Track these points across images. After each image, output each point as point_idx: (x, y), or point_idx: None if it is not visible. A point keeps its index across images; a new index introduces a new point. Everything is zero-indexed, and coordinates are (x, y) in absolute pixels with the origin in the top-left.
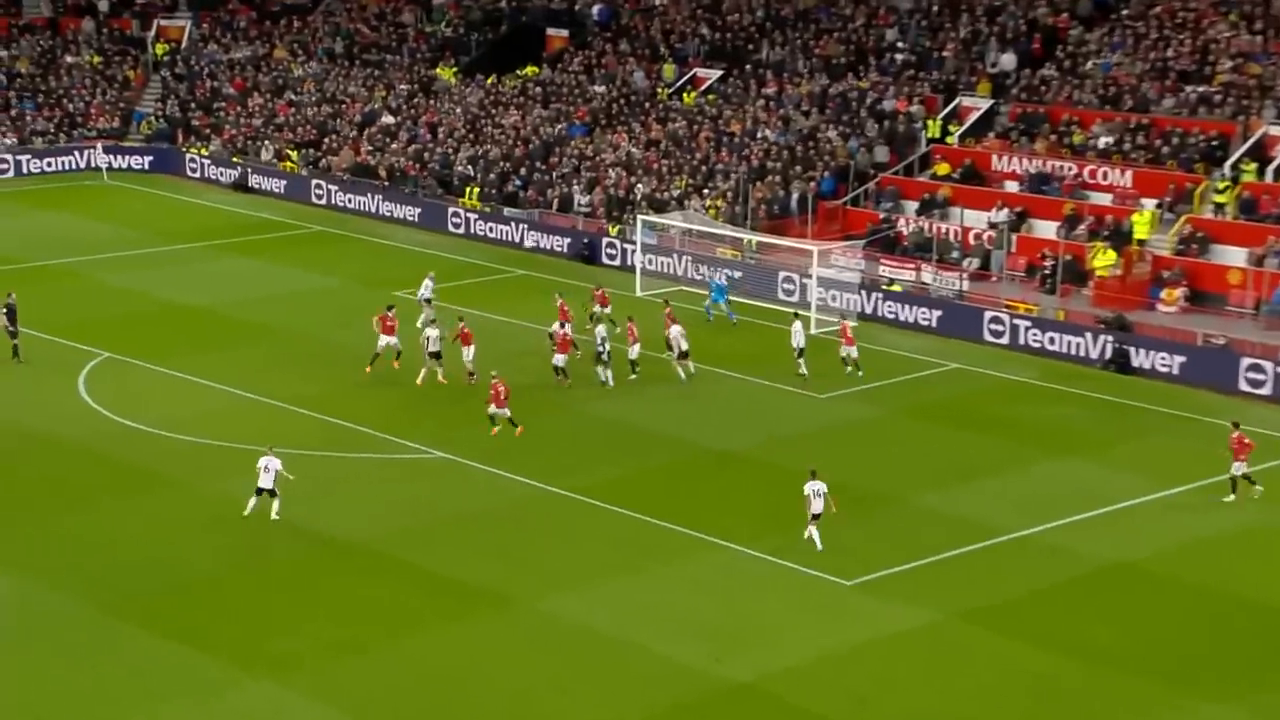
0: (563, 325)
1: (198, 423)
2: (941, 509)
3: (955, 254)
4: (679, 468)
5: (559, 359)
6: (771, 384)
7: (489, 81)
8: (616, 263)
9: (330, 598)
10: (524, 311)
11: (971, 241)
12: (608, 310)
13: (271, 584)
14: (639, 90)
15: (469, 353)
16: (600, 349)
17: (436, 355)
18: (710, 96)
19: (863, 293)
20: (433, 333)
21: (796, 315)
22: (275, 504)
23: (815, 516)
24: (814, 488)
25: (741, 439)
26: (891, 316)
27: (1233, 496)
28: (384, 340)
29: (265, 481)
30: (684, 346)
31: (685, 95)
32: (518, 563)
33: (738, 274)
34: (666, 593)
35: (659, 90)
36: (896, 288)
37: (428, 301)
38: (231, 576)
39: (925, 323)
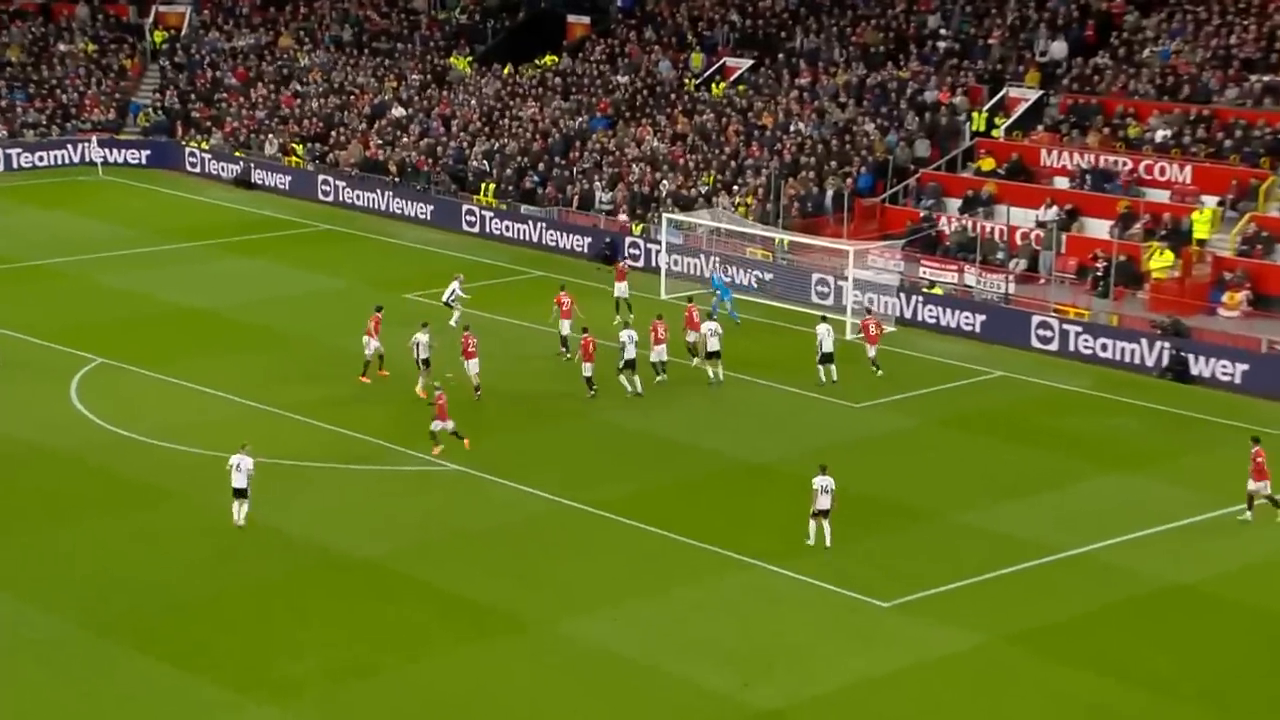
0: (584, 331)
1: (196, 432)
2: (986, 526)
3: (1001, 255)
4: (705, 481)
5: (587, 368)
6: (803, 392)
7: (506, 71)
8: (640, 264)
9: (336, 618)
10: (542, 315)
11: (1018, 242)
12: (624, 285)
13: (274, 603)
14: (665, 81)
15: (473, 366)
16: (627, 355)
17: (426, 363)
18: (740, 87)
19: (902, 296)
20: (422, 338)
21: (823, 318)
22: (244, 507)
23: (821, 513)
24: (823, 483)
25: (772, 450)
26: (932, 321)
27: (1250, 514)
28: (368, 344)
29: (238, 482)
30: (714, 346)
31: (714, 86)
32: (534, 582)
33: (768, 275)
34: (692, 614)
35: (686, 81)
36: (938, 291)
37: (452, 304)
38: (231, 595)
39: (968, 328)
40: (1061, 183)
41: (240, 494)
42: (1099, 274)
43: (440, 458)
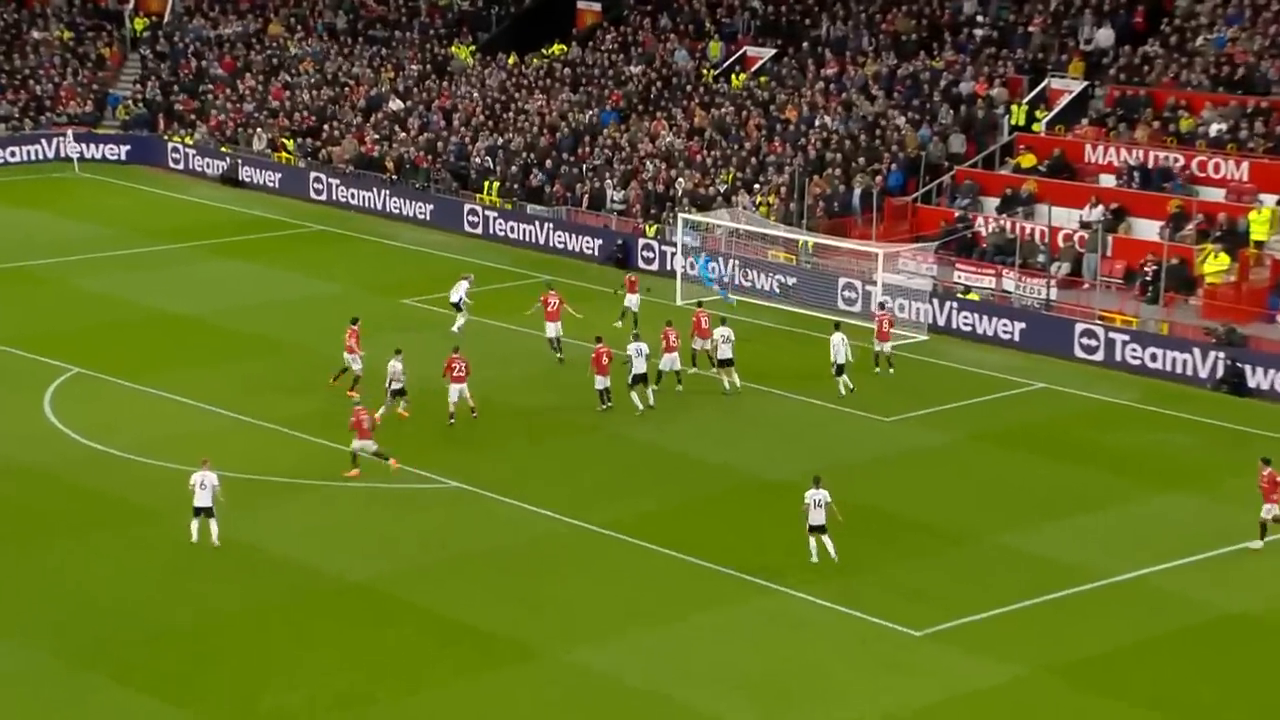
0: (598, 340)
1: (178, 447)
2: (1026, 549)
3: (1042, 258)
4: (722, 499)
5: (601, 381)
6: (827, 404)
7: (511, 61)
8: (654, 267)
9: (329, 646)
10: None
11: (1060, 244)
12: (636, 298)
13: (262, 630)
14: (681, 71)
15: (456, 391)
16: (636, 369)
17: (399, 394)
18: (762, 79)
19: (935, 302)
20: (396, 366)
21: (837, 326)
22: (214, 526)
23: (816, 529)
24: (815, 497)
25: (795, 467)
26: (968, 329)
27: (1260, 543)
28: (350, 360)
29: (202, 500)
30: (726, 354)
31: (733, 77)
32: (540, 607)
33: (791, 280)
34: (708, 642)
35: (704, 71)
36: (974, 296)
37: (460, 306)
38: (216, 622)
39: (1007, 336)
40: (1108, 180)
41: (205, 512)
42: (1148, 278)
43: (437, 474)
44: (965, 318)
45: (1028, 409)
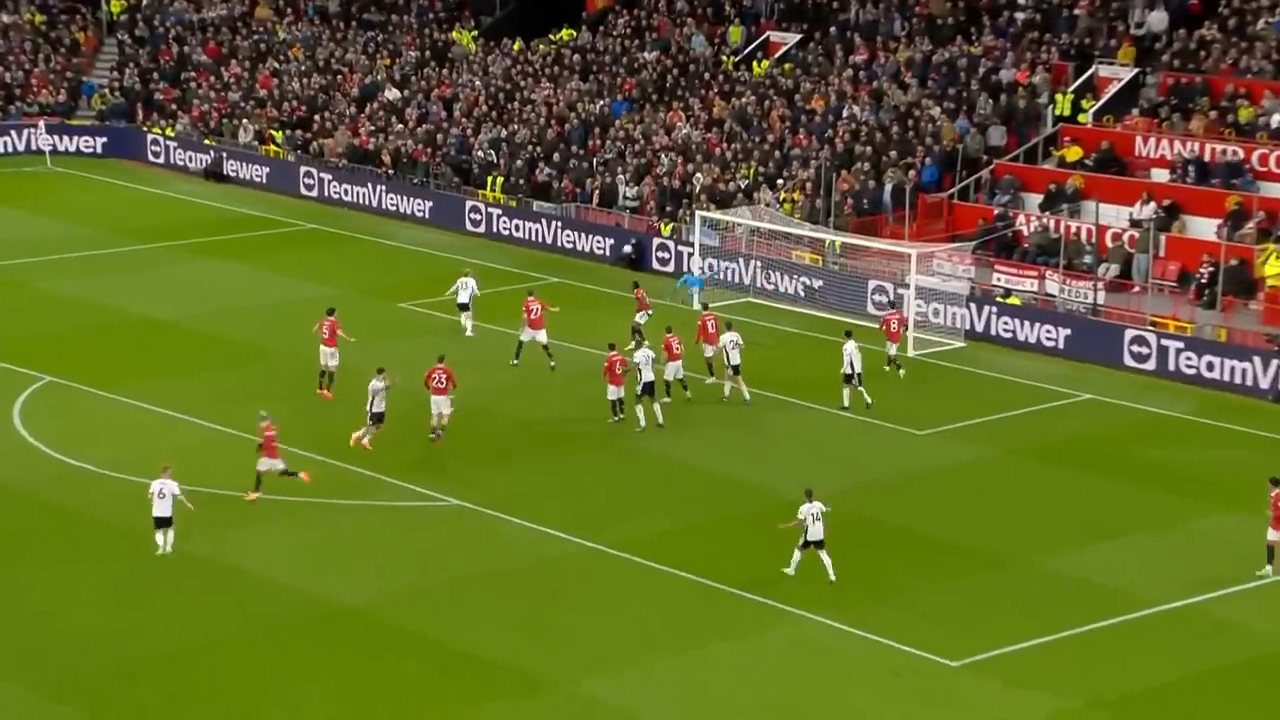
0: (610, 348)
1: (158, 462)
2: (1070, 573)
3: (1088, 259)
4: (744, 518)
5: (614, 392)
6: (855, 416)
7: (516, 48)
8: (669, 268)
9: (322, 676)
10: (555, 328)
11: (1109, 243)
12: (649, 314)
13: (250, 659)
14: (699, 58)
15: (439, 404)
16: (644, 378)
17: (378, 418)
18: (786, 66)
19: (972, 306)
20: (377, 386)
21: (849, 334)
22: (170, 536)
23: (811, 544)
24: (811, 509)
25: (821, 483)
26: (1008, 335)
27: (1269, 569)
28: (326, 354)
29: (162, 509)
30: (735, 360)
31: (755, 64)
32: (548, 635)
33: (818, 282)
34: (729, 673)
35: (723, 58)
36: (1015, 300)
37: (464, 307)
38: (201, 651)
39: (1050, 343)
40: (1160, 175)
41: (165, 523)
42: (1204, 281)
43: (437, 491)
44: (1005, 323)
45: (1072, 422)
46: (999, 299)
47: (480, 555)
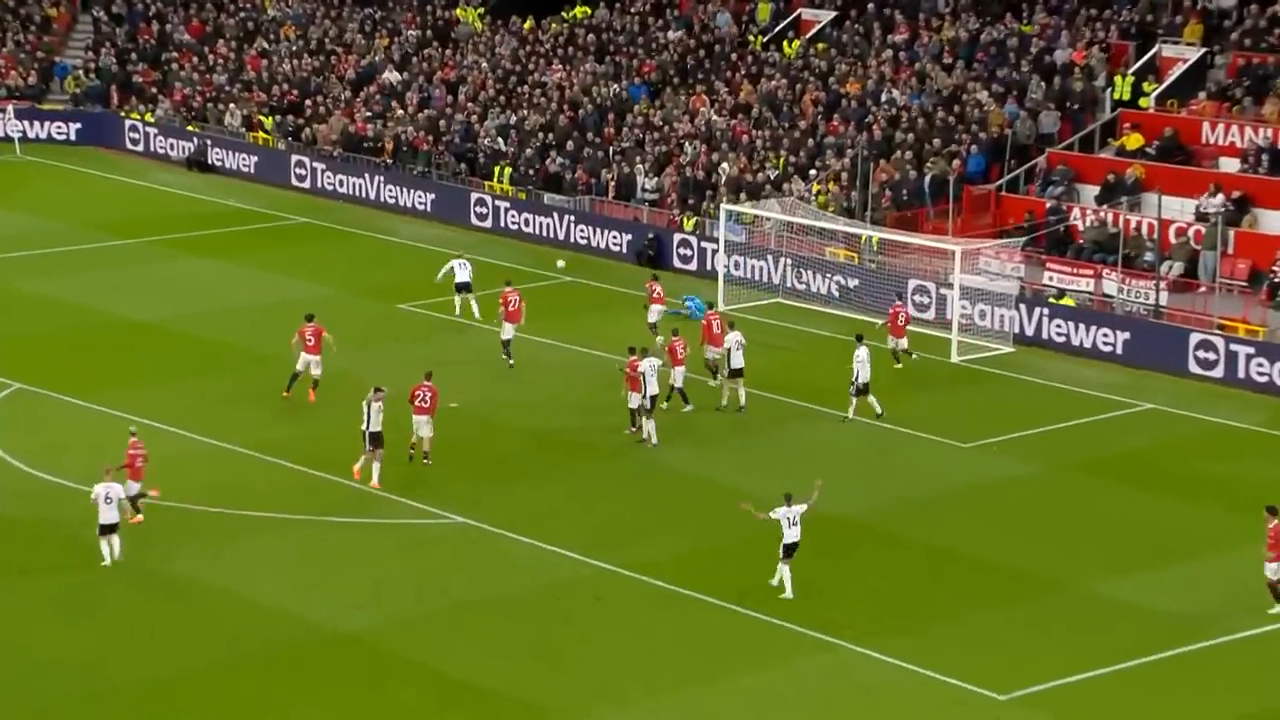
0: (632, 352)
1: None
2: (1130, 599)
3: (1150, 256)
4: (772, 539)
5: (635, 399)
6: (894, 427)
7: (526, 26)
8: (691, 266)
9: (314, 708)
10: (570, 331)
11: (1173, 239)
12: (659, 309)
13: (236, 690)
14: (724, 38)
15: (421, 425)
16: (650, 389)
17: (376, 439)
18: (819, 46)
19: (1022, 308)
20: (375, 406)
21: (860, 339)
22: (116, 543)
23: (791, 550)
24: (788, 513)
25: (856, 500)
26: (1061, 340)
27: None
28: (305, 361)
29: (108, 516)
30: (738, 363)
31: (786, 44)
32: (559, 664)
33: (853, 282)
34: (758, 707)
35: (751, 38)
36: (1069, 301)
37: (464, 288)
38: (183, 679)
39: (1108, 348)
40: (1229, 165)
41: (110, 530)
42: (1277, 280)
43: (437, 507)
44: (1058, 327)
45: (1132, 434)
46: (1051, 300)
47: (485, 577)
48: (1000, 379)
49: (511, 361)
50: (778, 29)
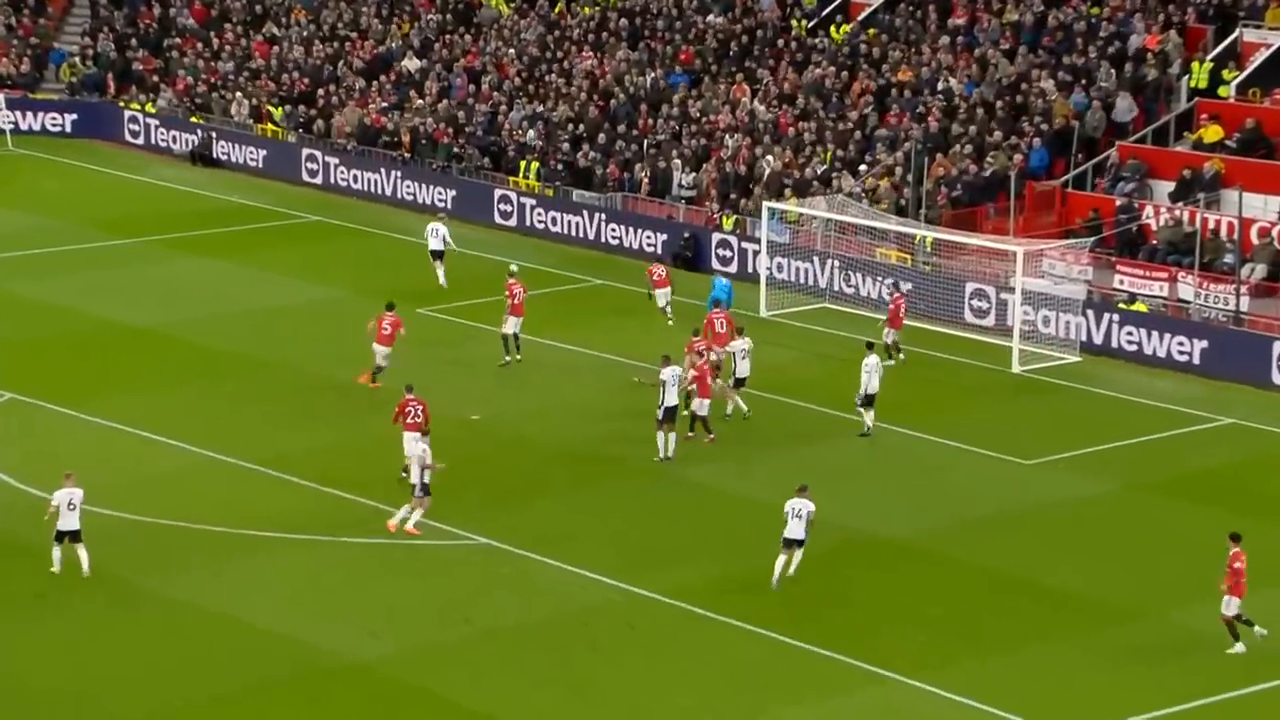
0: (665, 360)
1: (137, 493)
2: (1210, 630)
3: (1230, 258)
4: (818, 562)
5: (702, 406)
6: (950, 442)
7: (555, 10)
8: (732, 268)
9: None
10: (597, 337)
11: (1254, 240)
12: (666, 293)
13: None
14: (767, 23)
15: (411, 444)
16: (667, 401)
17: (427, 490)
18: (870, 31)
19: (1089, 314)
20: (422, 447)
21: (870, 346)
22: (83, 553)
23: (790, 544)
24: (795, 506)
25: (908, 520)
26: (1132, 349)
27: (1240, 646)
28: (378, 351)
29: (69, 523)
30: (742, 372)
31: (834, 29)
32: (588, 694)
33: (906, 285)
34: None
35: (796, 22)
36: (1141, 307)
37: (436, 255)
38: (183, 711)
39: (1184, 358)
40: None
41: (72, 537)
42: None
43: (457, 527)
44: (1129, 334)
45: (1210, 450)
46: (1122, 305)
47: (508, 602)
48: (1066, 390)
49: (510, 360)
50: (825, 12)
